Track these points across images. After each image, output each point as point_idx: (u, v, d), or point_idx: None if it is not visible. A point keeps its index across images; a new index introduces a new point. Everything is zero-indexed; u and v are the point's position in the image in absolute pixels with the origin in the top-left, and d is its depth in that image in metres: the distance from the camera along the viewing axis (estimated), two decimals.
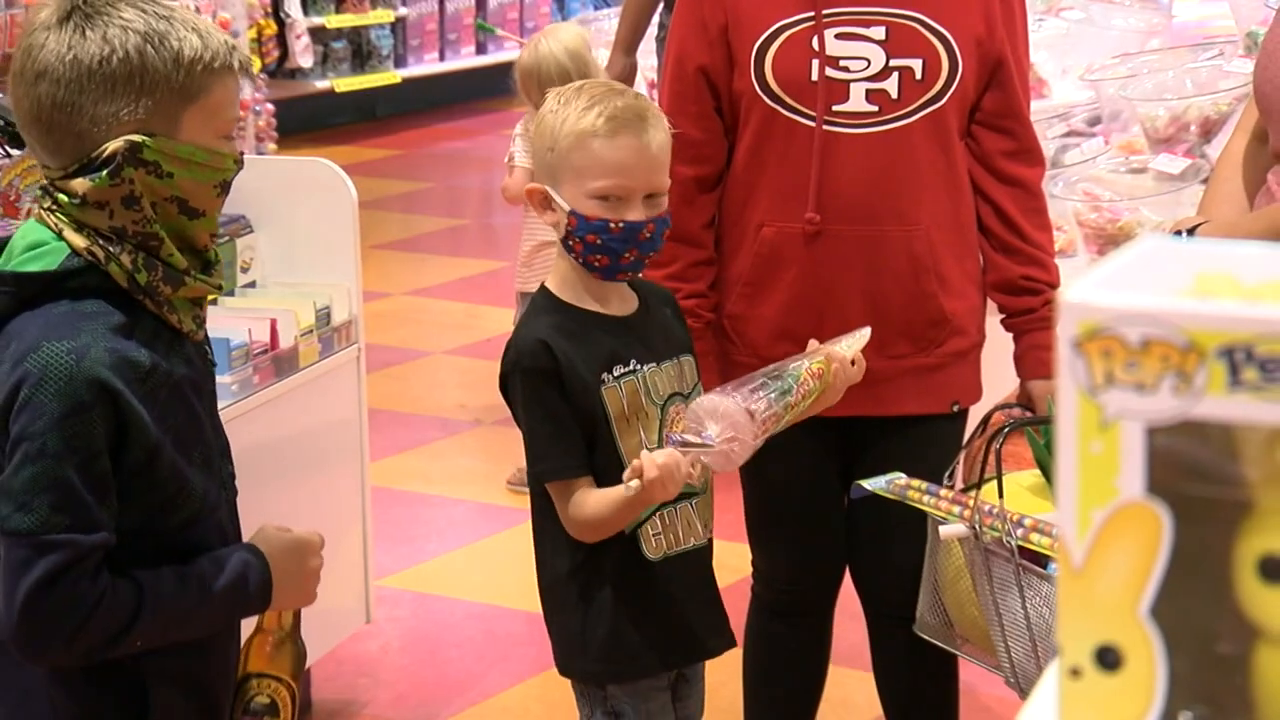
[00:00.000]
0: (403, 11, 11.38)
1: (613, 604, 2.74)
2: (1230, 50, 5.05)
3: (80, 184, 2.19)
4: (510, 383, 2.73)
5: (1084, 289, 1.00)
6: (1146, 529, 1.00)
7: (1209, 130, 4.78)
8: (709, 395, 2.58)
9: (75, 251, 2.20)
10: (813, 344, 2.83)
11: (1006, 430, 2.77)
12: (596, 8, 11.72)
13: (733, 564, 3.64)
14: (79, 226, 2.20)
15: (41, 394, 2.11)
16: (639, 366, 2.74)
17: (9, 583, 2.14)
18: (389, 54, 11.34)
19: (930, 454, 3.07)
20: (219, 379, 3.69)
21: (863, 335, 2.85)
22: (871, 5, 3.03)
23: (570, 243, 2.71)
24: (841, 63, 3.02)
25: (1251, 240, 2.61)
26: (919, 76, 3.03)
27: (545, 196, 2.72)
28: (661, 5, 5.93)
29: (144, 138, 2.18)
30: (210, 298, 2.41)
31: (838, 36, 3.02)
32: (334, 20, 10.92)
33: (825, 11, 3.02)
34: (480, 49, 11.86)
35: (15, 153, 4.05)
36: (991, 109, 3.12)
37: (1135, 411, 0.98)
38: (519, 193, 5.65)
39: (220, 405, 3.70)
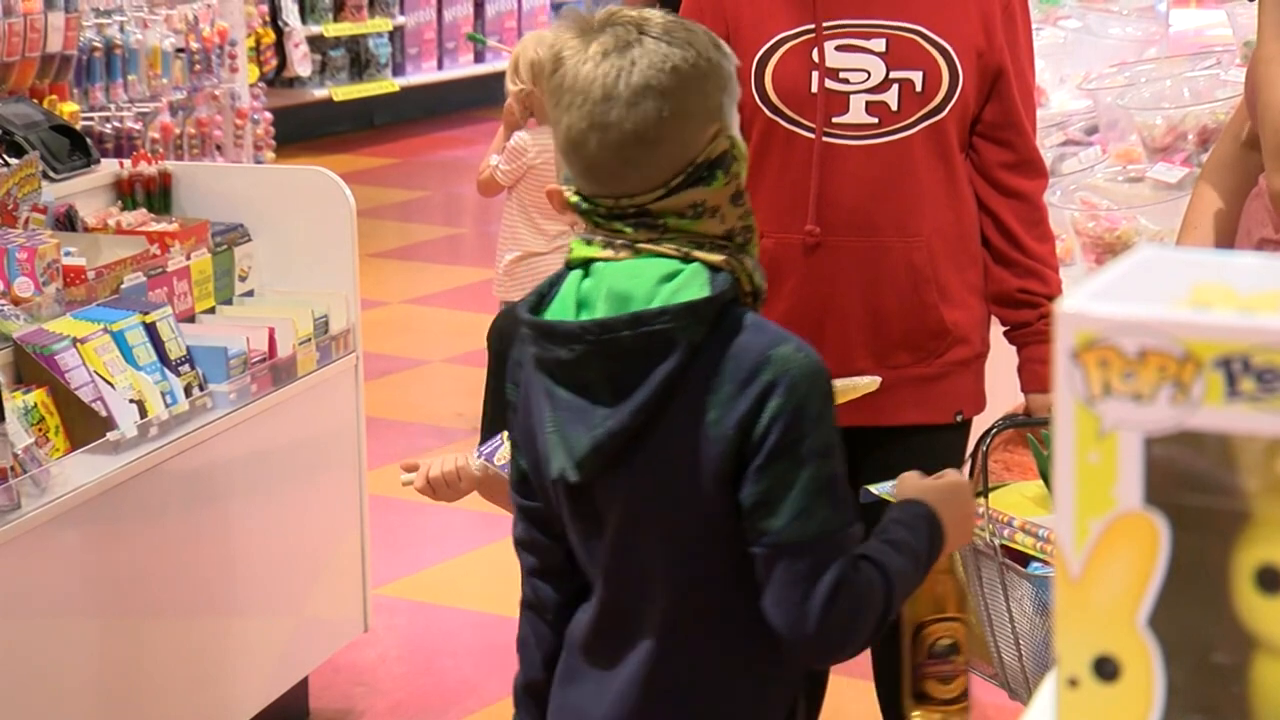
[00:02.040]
0: (401, 20, 11.38)
1: None
2: (1227, 59, 5.05)
3: (693, 194, 2.12)
4: None
5: (1081, 299, 1.00)
6: (1144, 539, 1.00)
7: (1206, 139, 4.78)
8: None
9: (714, 267, 2.12)
10: None
11: (995, 431, 2.77)
12: None
13: None
14: (698, 243, 2.12)
15: (795, 398, 2.06)
16: None
17: (797, 593, 2.08)
18: (387, 63, 11.34)
19: (932, 464, 3.06)
20: (215, 387, 3.70)
21: (868, 382, 2.83)
22: (871, 18, 3.03)
23: None
24: (841, 75, 3.02)
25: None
26: (919, 88, 3.03)
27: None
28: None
29: (729, 133, 2.16)
30: None
31: (838, 49, 3.03)
32: (332, 29, 10.92)
33: (825, 24, 3.02)
34: (478, 58, 11.86)
35: (14, 161, 4.05)
36: (991, 120, 3.13)
37: (1133, 422, 0.98)
38: (494, 190, 5.68)
39: (218, 414, 3.72)
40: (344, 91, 11.02)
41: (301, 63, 10.62)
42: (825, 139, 3.04)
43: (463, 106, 11.81)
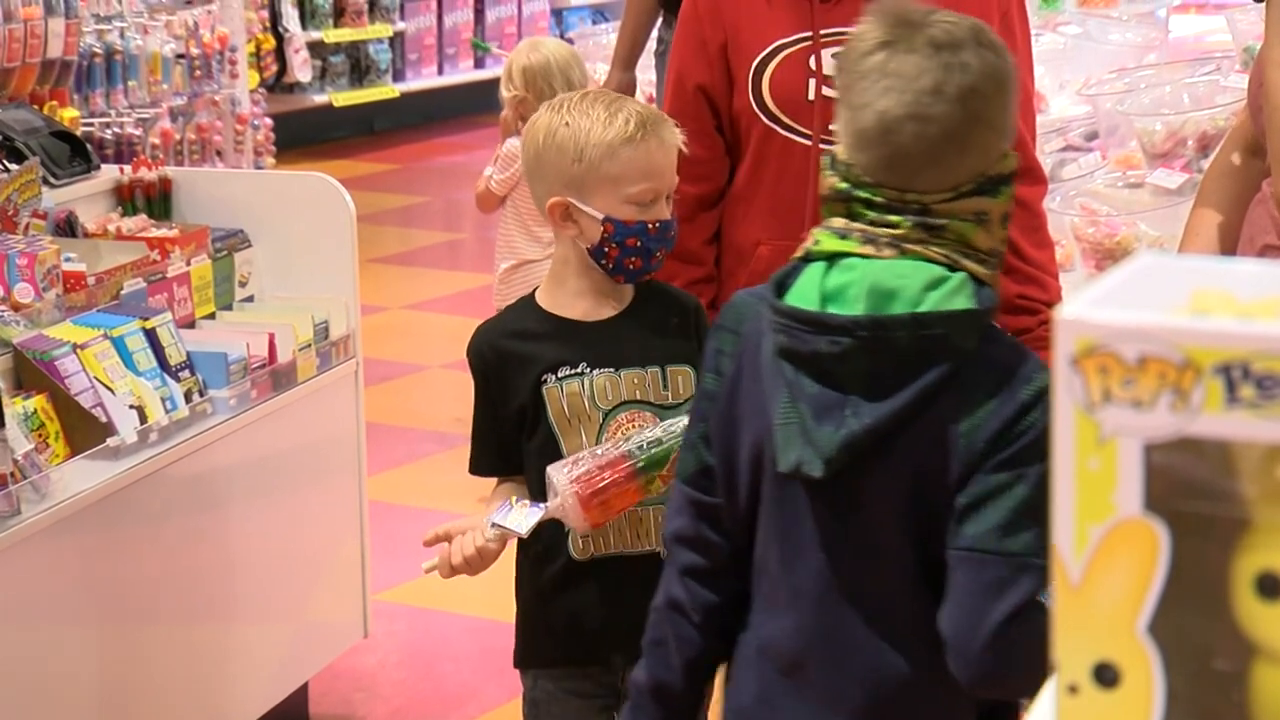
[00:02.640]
0: (401, 26, 11.39)
1: (530, 593, 2.85)
2: (1227, 65, 5.05)
3: (978, 202, 2.11)
4: None
5: (1081, 306, 1.00)
6: (1144, 546, 1.00)
7: (1206, 145, 4.77)
8: (564, 461, 2.69)
9: (978, 280, 2.10)
10: None
11: None
12: (594, 22, 11.74)
13: None
14: (965, 253, 2.11)
15: (1045, 421, 2.01)
16: (588, 370, 2.78)
17: (977, 602, 2.04)
18: (387, 68, 11.35)
19: None
20: (215, 393, 3.70)
21: None
22: None
23: (606, 249, 2.76)
24: None
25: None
26: None
27: (567, 210, 2.75)
28: (660, 20, 5.93)
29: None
30: None
31: (835, 56, 3.03)
32: (332, 35, 10.92)
33: (823, 31, 3.03)
34: (478, 64, 11.86)
35: (14, 167, 4.05)
36: None
37: (1132, 428, 0.98)
38: (493, 205, 5.67)
39: (218, 419, 3.72)
40: (344, 97, 11.02)
41: (302, 68, 10.63)
42: (823, 146, 3.04)
43: (463, 112, 11.82)
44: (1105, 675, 1.01)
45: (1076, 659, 1.02)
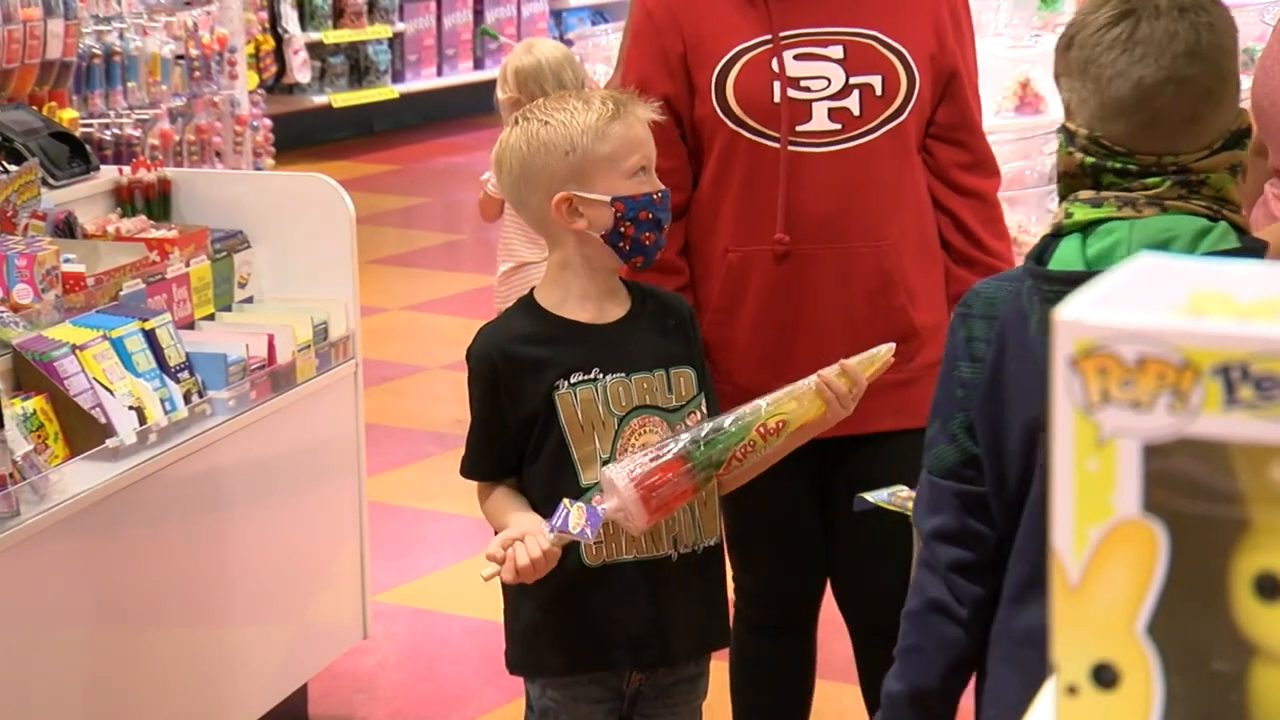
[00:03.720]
0: (400, 27, 11.39)
1: (538, 601, 2.80)
2: None
3: (1230, 156, 2.14)
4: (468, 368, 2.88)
5: (1079, 307, 1.00)
6: (1143, 547, 1.00)
7: None
8: (621, 461, 2.68)
9: (1238, 227, 2.14)
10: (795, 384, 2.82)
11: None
12: (594, 23, 11.73)
13: None
14: (1221, 203, 2.14)
15: None
16: (601, 376, 2.78)
17: None
18: (386, 69, 11.34)
19: (906, 470, 3.06)
20: (214, 394, 3.70)
21: (886, 350, 2.83)
22: (826, 25, 3.06)
23: (622, 229, 2.77)
24: (802, 83, 3.05)
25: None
26: (879, 93, 3.06)
27: (572, 203, 2.75)
28: None
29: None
30: None
31: (796, 58, 3.06)
32: (331, 35, 10.92)
33: (782, 34, 3.05)
34: (478, 64, 11.86)
35: (13, 168, 4.05)
36: (945, 122, 3.15)
37: (1131, 429, 0.98)
38: (491, 213, 5.67)
39: (217, 420, 3.72)
40: (343, 98, 11.02)
41: (301, 69, 10.62)
42: (791, 148, 3.05)
43: (462, 113, 11.81)
44: (1104, 676, 1.01)
45: (1076, 660, 1.02)
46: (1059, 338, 1.00)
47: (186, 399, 3.61)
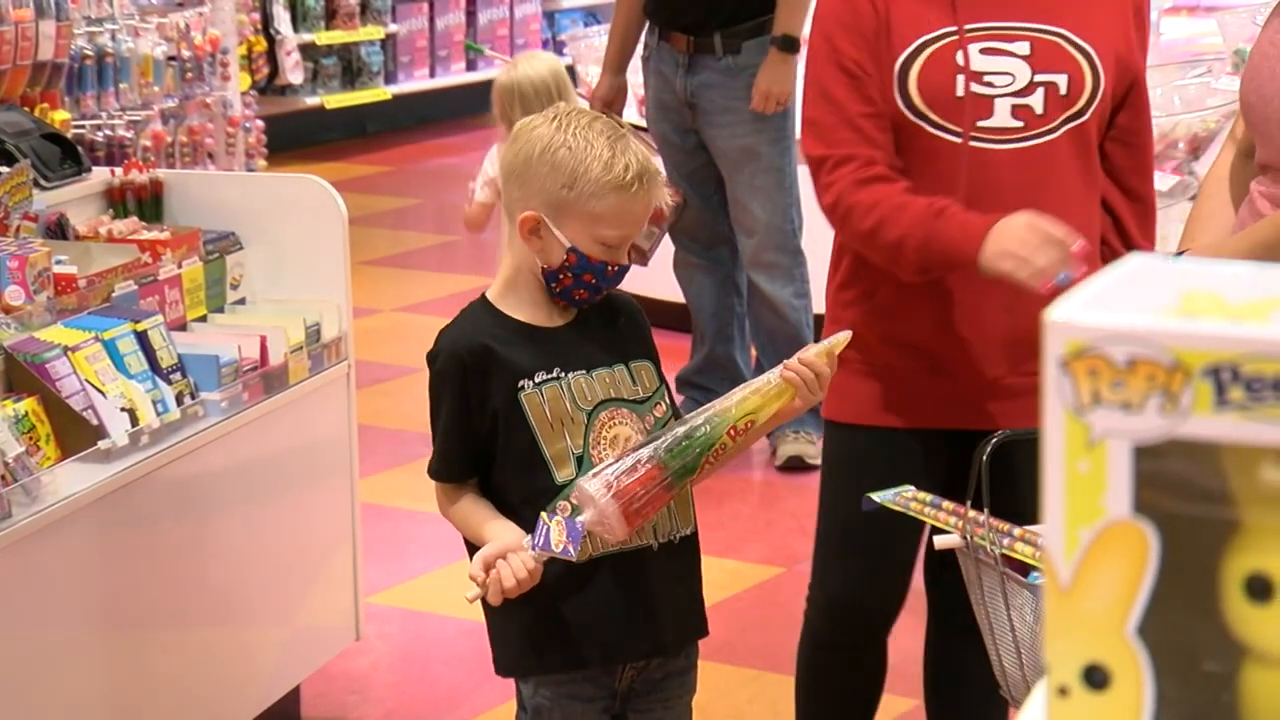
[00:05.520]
0: (393, 28, 11.38)
1: (526, 601, 2.77)
2: (1218, 67, 5.06)
3: None
4: (430, 369, 2.86)
5: (1070, 308, 1.00)
6: (1133, 548, 1.00)
7: (1197, 147, 4.78)
8: (592, 473, 2.69)
9: None
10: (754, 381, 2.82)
11: (994, 442, 2.76)
12: (586, 24, 11.73)
13: (720, 580, 3.64)
14: None
15: None
16: (563, 374, 2.79)
17: None
18: (379, 70, 11.34)
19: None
20: (206, 396, 3.70)
21: (844, 337, 2.83)
22: (1014, 20, 3.00)
23: (561, 275, 2.78)
24: (986, 78, 2.98)
25: (1237, 260, 2.61)
26: (1063, 92, 3.00)
27: (537, 225, 2.75)
28: (648, 26, 5.91)
29: None
30: None
31: (982, 52, 2.99)
32: (324, 37, 10.91)
33: (968, 26, 2.99)
34: (470, 66, 11.85)
35: (4, 170, 4.04)
36: (1126, 125, 3.09)
37: (1122, 431, 0.98)
38: (479, 224, 5.67)
39: (209, 422, 3.72)
40: (336, 99, 11.01)
41: (293, 71, 10.62)
42: (972, 144, 3.00)
43: (455, 114, 11.81)
44: (1095, 677, 1.01)
45: (1067, 661, 1.02)
46: (1049, 339, 1.00)
47: (179, 400, 3.61)
